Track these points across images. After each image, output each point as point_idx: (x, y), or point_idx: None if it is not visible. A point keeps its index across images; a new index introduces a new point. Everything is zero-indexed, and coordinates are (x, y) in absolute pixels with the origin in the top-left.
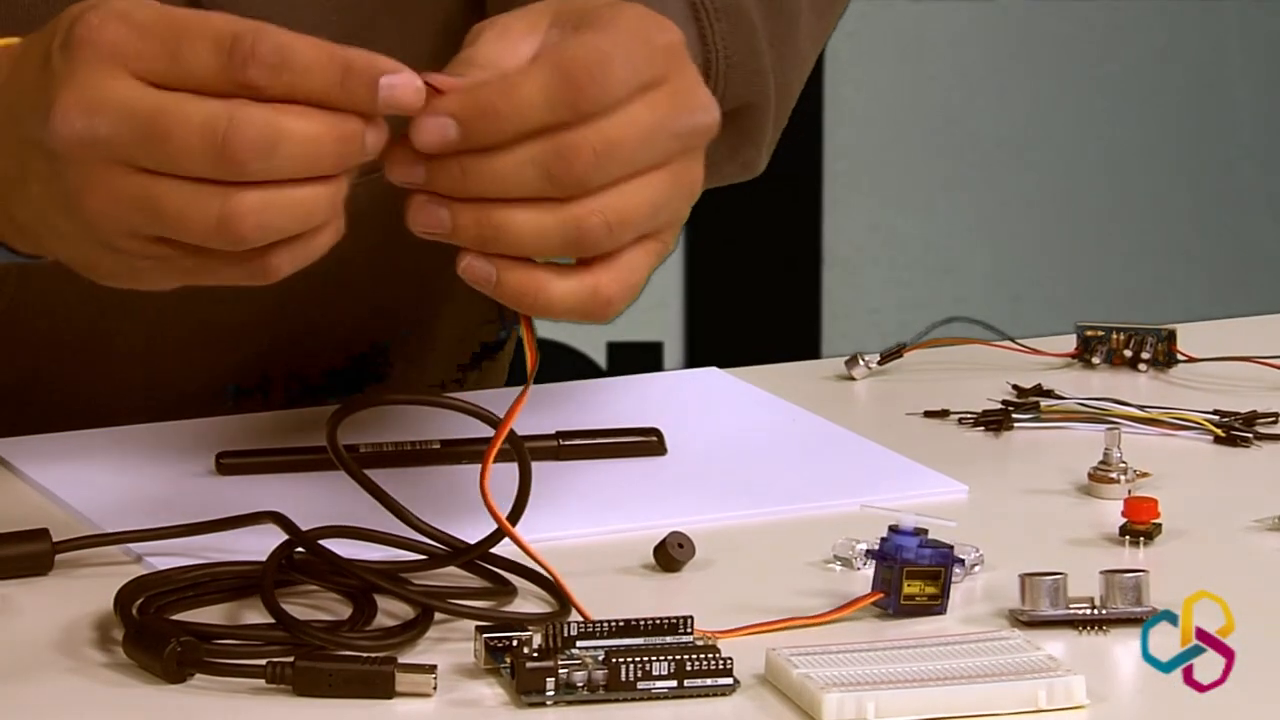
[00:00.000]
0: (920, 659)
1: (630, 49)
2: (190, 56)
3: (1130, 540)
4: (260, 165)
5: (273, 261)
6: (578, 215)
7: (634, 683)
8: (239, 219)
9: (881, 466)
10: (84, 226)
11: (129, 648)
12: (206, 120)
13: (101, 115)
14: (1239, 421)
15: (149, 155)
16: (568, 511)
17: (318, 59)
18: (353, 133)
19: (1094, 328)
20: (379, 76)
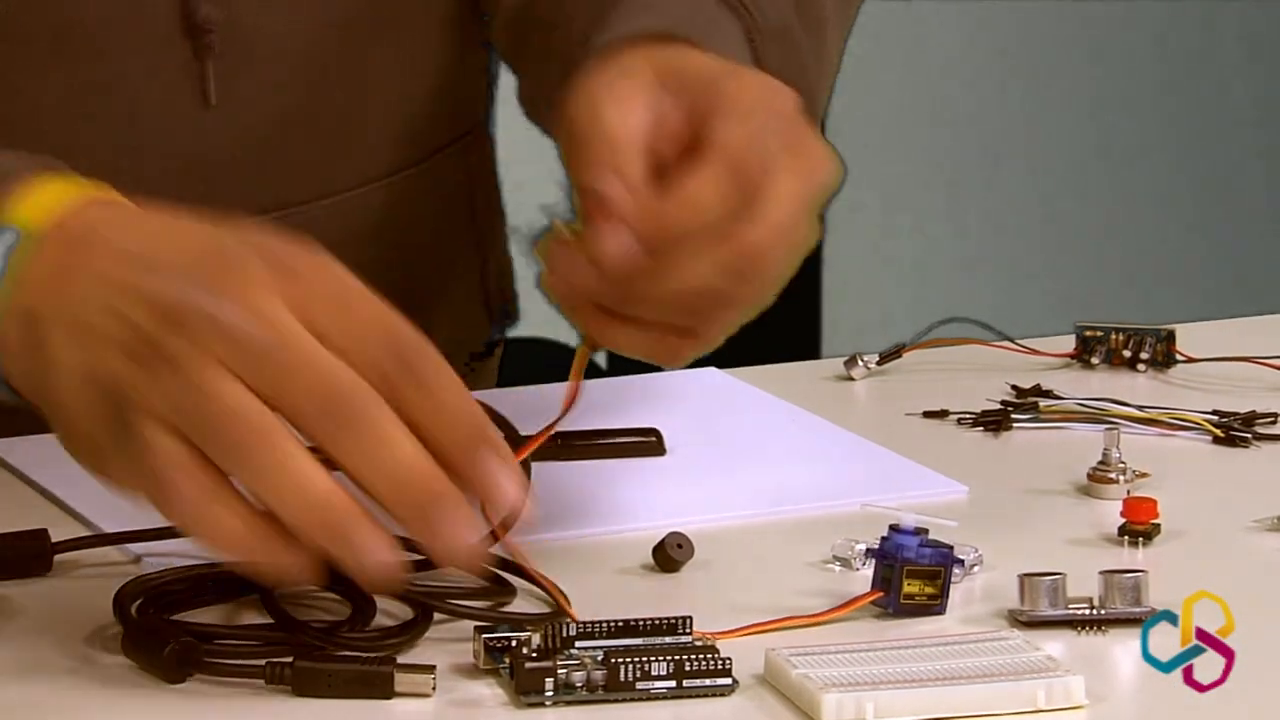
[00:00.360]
0: (919, 659)
1: (776, 129)
2: (356, 323)
3: (1129, 540)
4: (348, 446)
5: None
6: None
7: (633, 683)
8: (258, 438)
9: (881, 467)
10: (118, 398)
11: (128, 648)
12: (325, 373)
13: (258, 319)
14: (1238, 422)
15: (259, 366)
16: (568, 511)
17: (462, 404)
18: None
19: (1093, 328)
20: (490, 459)
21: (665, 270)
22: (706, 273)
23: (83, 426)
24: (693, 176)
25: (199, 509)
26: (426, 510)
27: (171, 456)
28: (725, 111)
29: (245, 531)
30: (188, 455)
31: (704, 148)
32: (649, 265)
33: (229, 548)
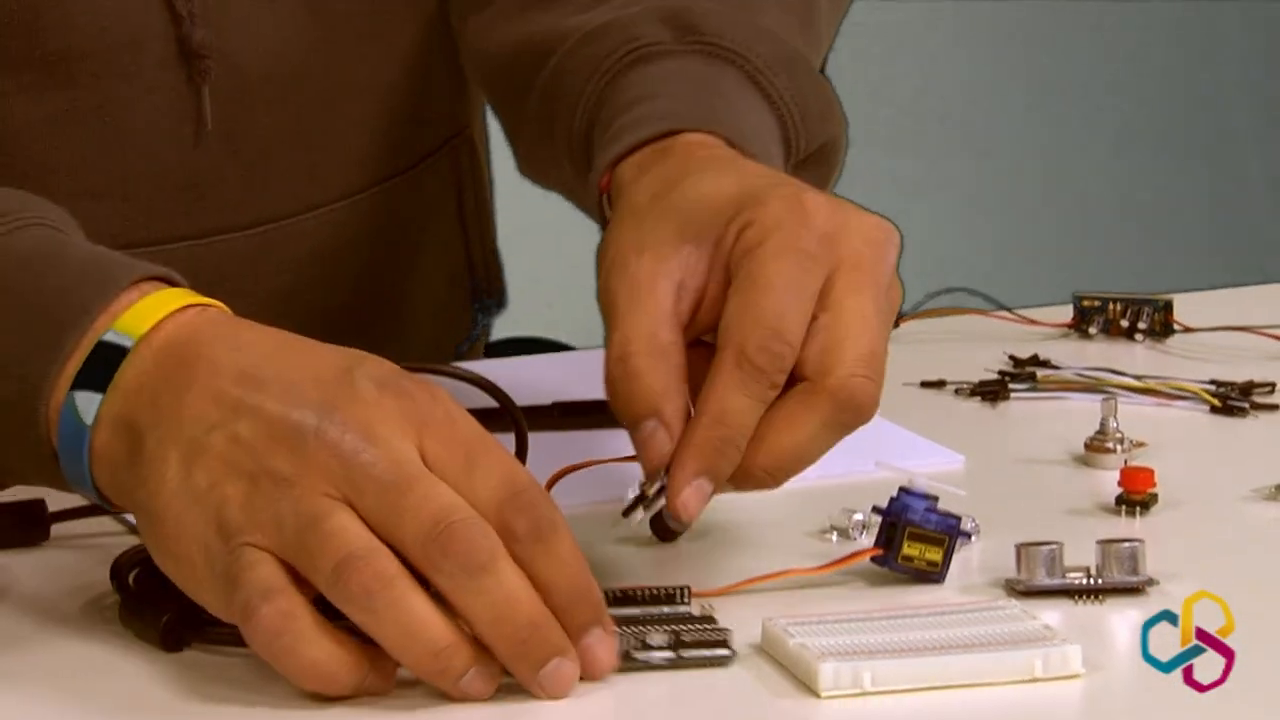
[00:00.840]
0: (916, 628)
1: (789, 271)
2: (481, 468)
3: (1126, 510)
4: (459, 579)
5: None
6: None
7: (630, 653)
8: (372, 574)
9: (878, 437)
10: (231, 528)
11: (125, 617)
12: (444, 508)
13: (378, 448)
14: (1235, 391)
15: (376, 502)
16: (565, 482)
17: (575, 563)
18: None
19: (1091, 298)
20: (594, 625)
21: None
22: (818, 436)
23: (183, 546)
24: (716, 388)
25: (275, 638)
26: (538, 660)
27: (264, 581)
28: (737, 281)
29: (327, 662)
30: (283, 580)
31: (723, 344)
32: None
33: (306, 681)
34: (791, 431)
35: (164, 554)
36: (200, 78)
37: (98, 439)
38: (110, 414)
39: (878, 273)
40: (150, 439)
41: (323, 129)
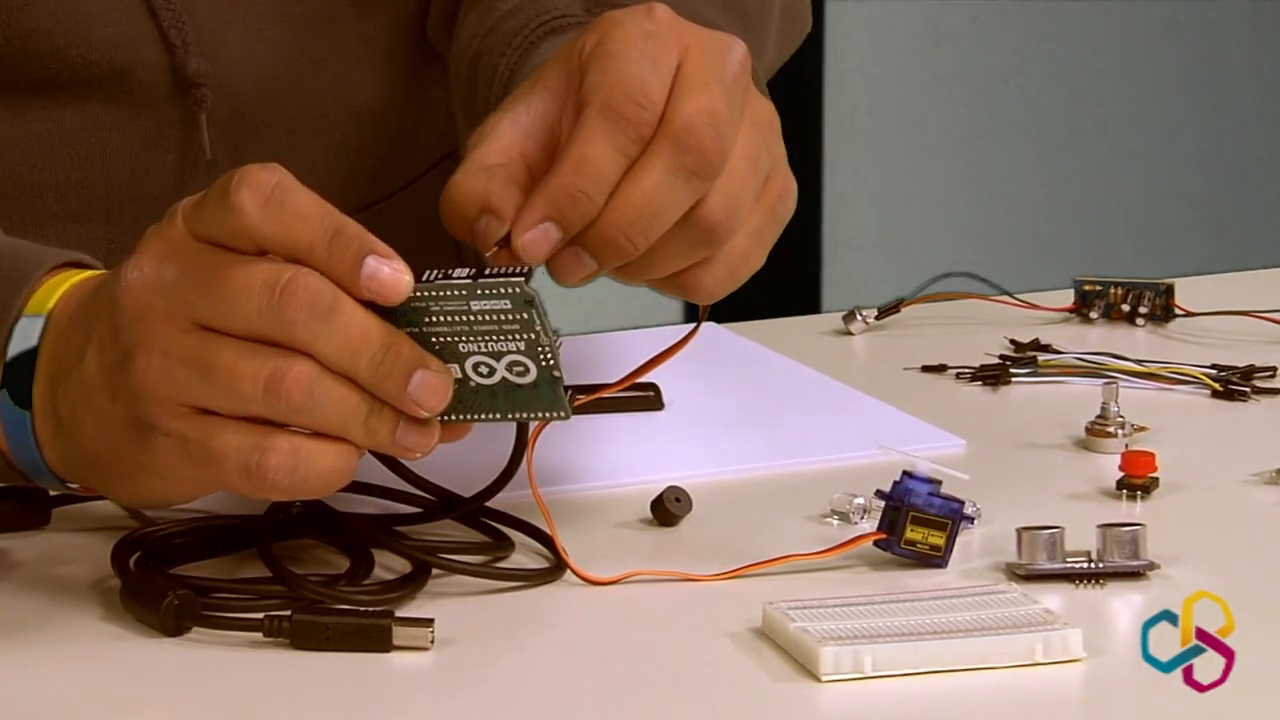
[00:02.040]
0: (917, 613)
1: (641, 45)
2: (210, 193)
3: (1127, 494)
4: (313, 326)
5: (270, 476)
6: (699, 215)
7: (427, 276)
8: (290, 380)
9: (879, 421)
10: (127, 395)
11: (126, 601)
12: (268, 277)
13: (171, 263)
14: (1237, 376)
15: (207, 302)
16: (564, 466)
17: (313, 210)
18: None
19: (1092, 282)
20: (367, 254)
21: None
22: (665, 185)
23: (145, 474)
24: (575, 139)
25: (293, 474)
26: (403, 375)
27: (240, 439)
28: (590, 65)
29: (339, 456)
30: (252, 427)
31: (584, 100)
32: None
33: (334, 486)
34: (636, 180)
35: (142, 490)
36: (196, 106)
37: (38, 424)
38: (37, 393)
39: (725, 61)
40: (60, 402)
41: (314, 153)
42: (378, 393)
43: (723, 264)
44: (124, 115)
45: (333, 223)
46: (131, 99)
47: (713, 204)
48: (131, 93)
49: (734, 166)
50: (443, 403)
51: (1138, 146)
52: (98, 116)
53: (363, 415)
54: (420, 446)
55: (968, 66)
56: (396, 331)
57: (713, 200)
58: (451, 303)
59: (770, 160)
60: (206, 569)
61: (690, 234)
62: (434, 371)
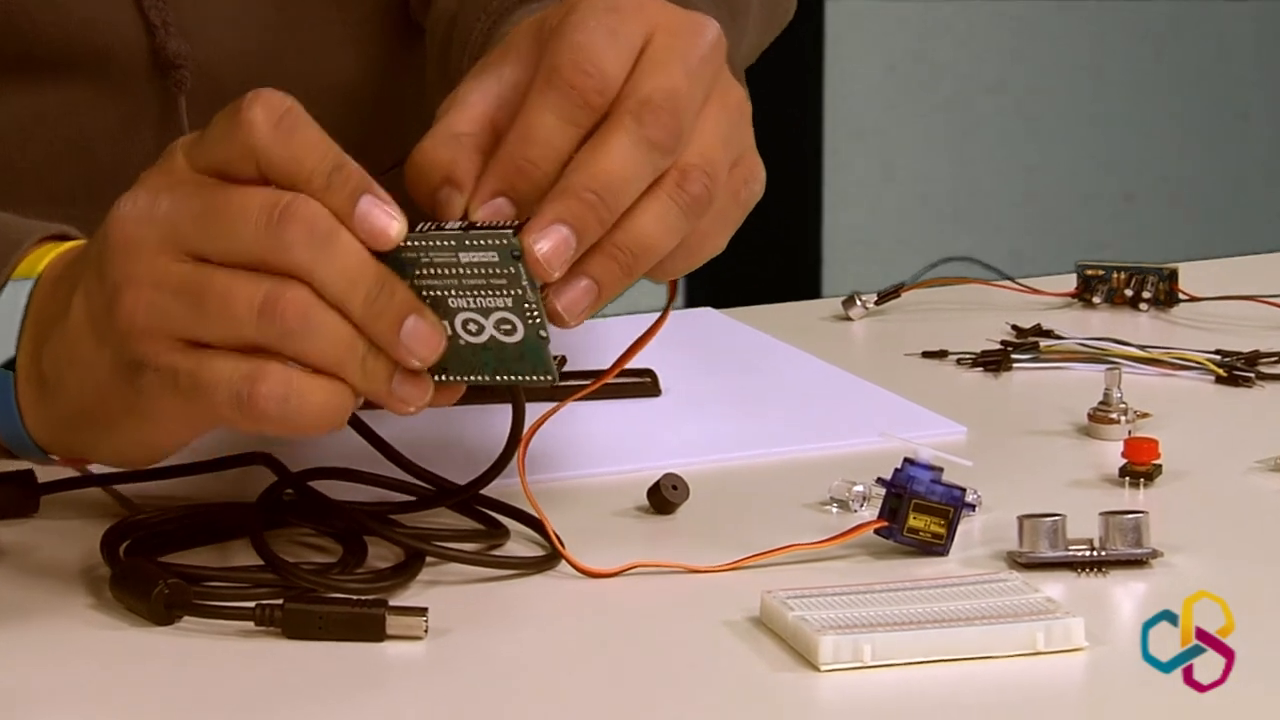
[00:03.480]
0: (917, 601)
1: (601, 17)
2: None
3: (1130, 481)
4: (311, 249)
5: (260, 404)
6: (682, 184)
7: (419, 226)
8: (285, 302)
9: (879, 408)
10: (115, 337)
11: (115, 590)
12: (265, 201)
13: (167, 194)
14: (1241, 361)
15: (202, 229)
16: (560, 453)
17: (320, 140)
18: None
19: (1094, 267)
20: (364, 193)
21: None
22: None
23: (114, 399)
24: (525, 110)
25: (284, 403)
26: (395, 316)
27: (229, 368)
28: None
29: (334, 392)
30: (242, 357)
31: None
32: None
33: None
34: (601, 151)
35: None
36: (177, 87)
37: (20, 387)
38: (21, 356)
39: (693, 42)
40: (45, 360)
41: None
42: (370, 332)
43: (683, 243)
44: (103, 97)
45: (336, 156)
46: (110, 80)
47: (694, 169)
48: (110, 74)
49: (708, 140)
50: (434, 353)
51: (1142, 131)
52: (76, 98)
53: (359, 353)
54: (414, 399)
55: (969, 51)
56: (392, 274)
57: (692, 164)
58: (442, 254)
59: (740, 144)
60: (197, 557)
61: (681, 199)
62: (427, 320)
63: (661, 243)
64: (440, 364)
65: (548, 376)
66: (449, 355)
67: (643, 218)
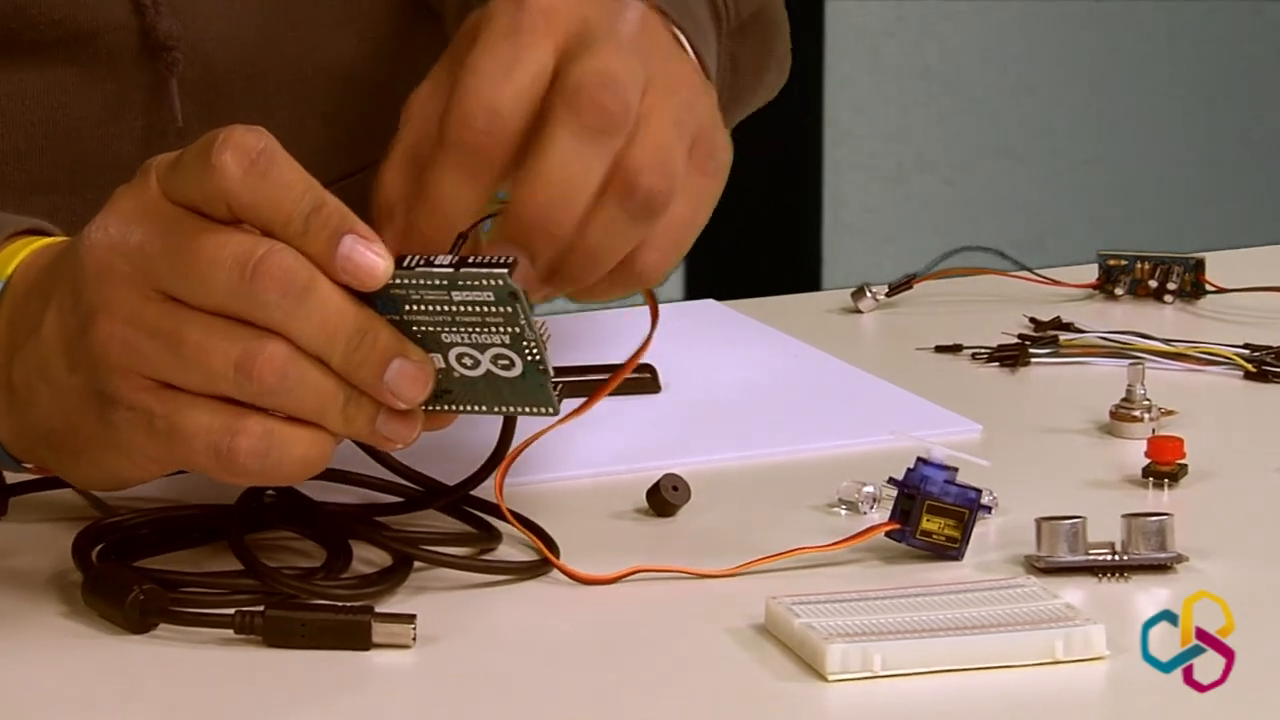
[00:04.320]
0: (930, 608)
1: (498, 47)
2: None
3: (1154, 482)
4: (286, 306)
5: (240, 460)
6: (631, 184)
7: (408, 262)
8: (262, 361)
9: (890, 405)
10: (87, 365)
11: (88, 596)
12: (239, 252)
13: (138, 225)
14: (1271, 356)
15: (174, 271)
16: (555, 454)
17: (296, 181)
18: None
19: (1117, 256)
20: (345, 232)
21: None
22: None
23: (106, 451)
24: (425, 179)
25: (264, 459)
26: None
27: (208, 419)
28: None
29: (315, 444)
30: (220, 406)
31: None
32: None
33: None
34: (543, 154)
35: (100, 469)
36: (167, 70)
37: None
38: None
39: (616, 20)
40: (15, 372)
41: (292, 120)
42: (352, 380)
43: (665, 235)
44: (90, 79)
45: (314, 197)
46: (98, 62)
47: (643, 168)
48: (98, 55)
49: (655, 129)
50: (423, 394)
51: (1166, 115)
52: (62, 80)
53: (340, 402)
54: (401, 437)
55: (982, 29)
56: (375, 317)
57: (641, 163)
58: (432, 292)
59: (694, 120)
60: (174, 562)
61: (629, 206)
62: (414, 361)
63: (613, 251)
64: (433, 396)
65: (548, 409)
66: (443, 386)
67: (589, 230)
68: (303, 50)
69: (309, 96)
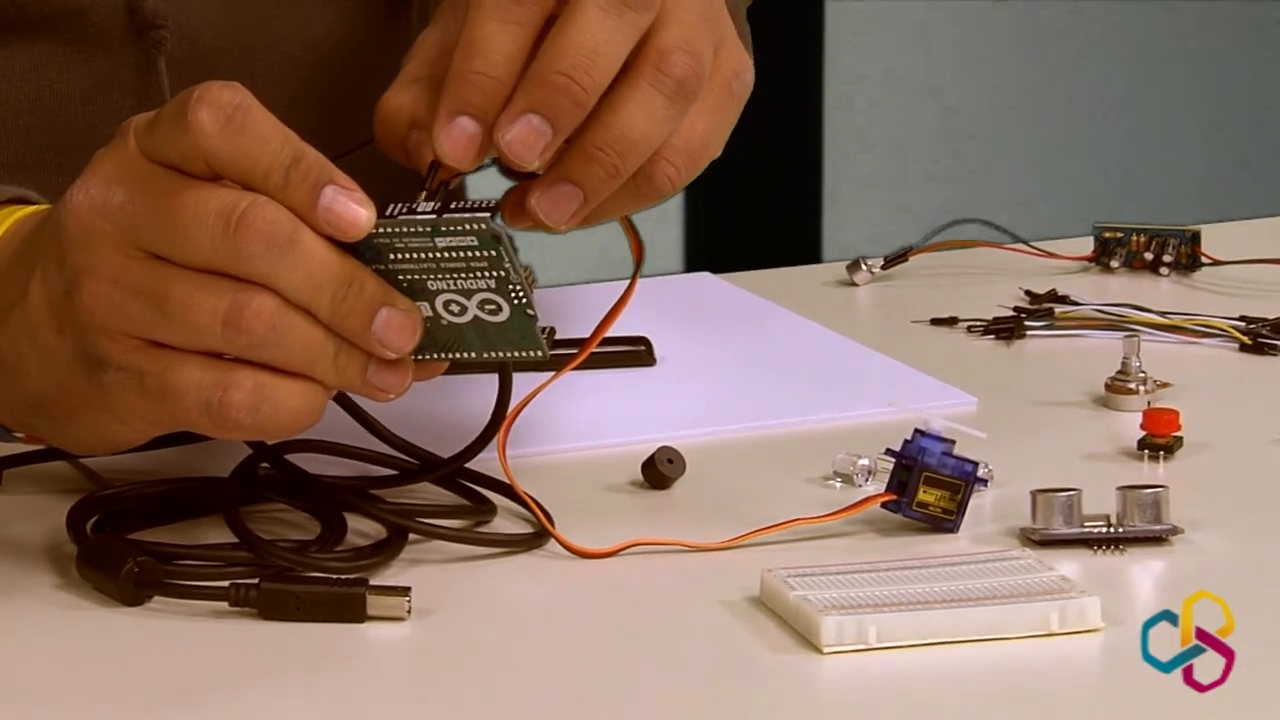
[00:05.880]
0: (925, 580)
1: (608, 26)
2: (165, 111)
3: (1149, 454)
4: (271, 259)
5: (232, 413)
6: (662, 61)
7: (391, 211)
8: (249, 314)
9: (885, 377)
10: (75, 328)
11: (82, 568)
12: (221, 206)
13: (120, 185)
14: (1266, 328)
15: (157, 229)
16: (550, 426)
17: (274, 134)
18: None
19: (1112, 229)
20: (326, 183)
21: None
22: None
23: (98, 414)
24: (465, 27)
25: (255, 412)
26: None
27: (198, 375)
28: None
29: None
30: (210, 361)
31: None
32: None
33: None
34: (566, 24)
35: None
36: (155, 48)
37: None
38: None
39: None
40: (3, 342)
41: (280, 99)
42: (340, 331)
43: (683, 148)
44: (77, 57)
45: (293, 149)
46: (85, 40)
47: (674, 48)
48: (86, 33)
49: (685, 17)
50: (410, 342)
51: (1161, 86)
52: (49, 58)
53: (330, 353)
54: (393, 386)
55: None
56: (361, 267)
57: (671, 43)
58: (416, 239)
59: (722, 27)
60: (169, 534)
61: (662, 85)
62: (401, 310)
63: (648, 135)
64: (422, 345)
65: (537, 353)
66: (431, 335)
67: (625, 109)
68: (290, 29)
69: (297, 75)
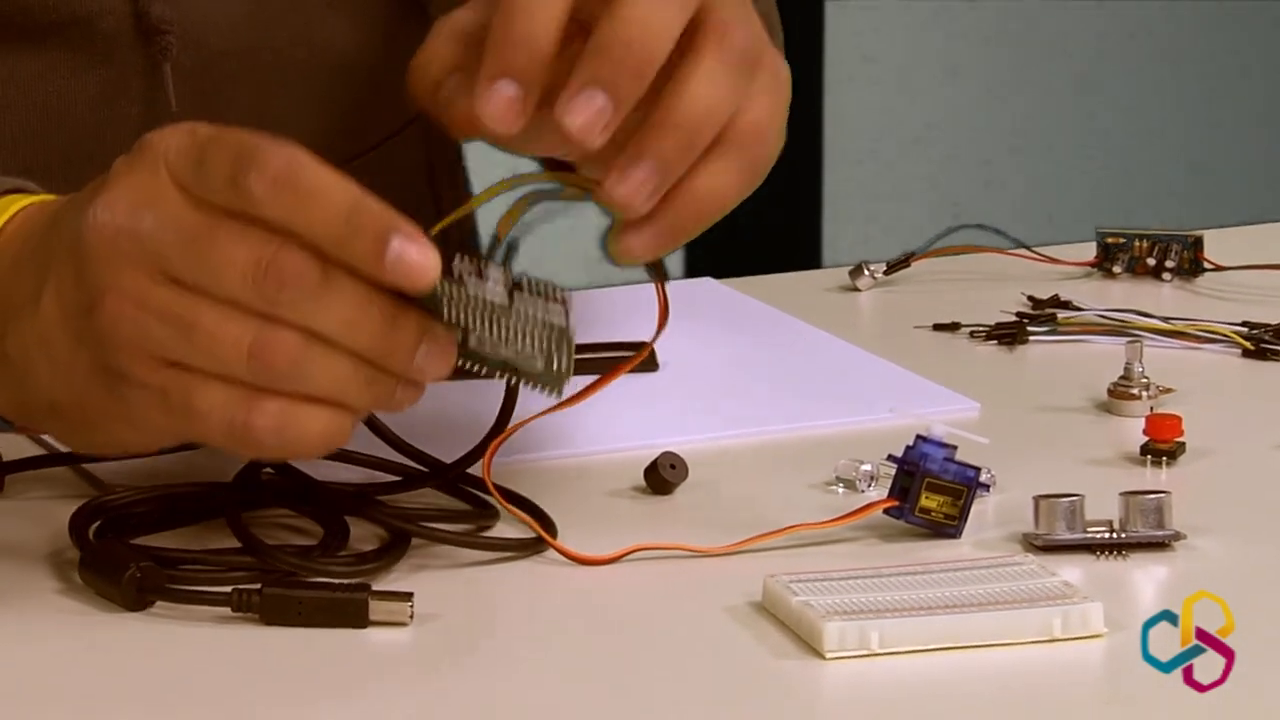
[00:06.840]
0: (927, 586)
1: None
2: (212, 160)
3: (1152, 460)
4: (301, 306)
5: (256, 436)
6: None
7: (462, 279)
8: (274, 348)
9: (887, 383)
10: (94, 342)
11: (85, 574)
12: (252, 252)
13: (149, 211)
14: (1269, 333)
15: (186, 263)
16: (552, 431)
17: (328, 185)
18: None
19: (1115, 234)
20: (390, 233)
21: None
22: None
23: (113, 422)
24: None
25: (280, 434)
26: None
27: (219, 398)
28: None
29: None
30: (231, 386)
31: None
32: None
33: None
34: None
35: (108, 439)
36: (161, 55)
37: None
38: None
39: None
40: (10, 343)
41: (285, 105)
42: (379, 365)
43: (739, 154)
44: (83, 64)
45: (352, 201)
46: (92, 47)
47: (732, 21)
48: (92, 40)
49: (729, 5)
50: (447, 369)
51: (1164, 93)
52: (56, 65)
53: (361, 380)
54: (414, 399)
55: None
56: (398, 303)
57: (728, 17)
58: (479, 311)
59: (758, 28)
60: (171, 539)
61: (726, 57)
62: (440, 340)
63: (718, 105)
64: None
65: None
66: (459, 352)
67: (690, 81)
68: (296, 34)
69: (304, 81)
